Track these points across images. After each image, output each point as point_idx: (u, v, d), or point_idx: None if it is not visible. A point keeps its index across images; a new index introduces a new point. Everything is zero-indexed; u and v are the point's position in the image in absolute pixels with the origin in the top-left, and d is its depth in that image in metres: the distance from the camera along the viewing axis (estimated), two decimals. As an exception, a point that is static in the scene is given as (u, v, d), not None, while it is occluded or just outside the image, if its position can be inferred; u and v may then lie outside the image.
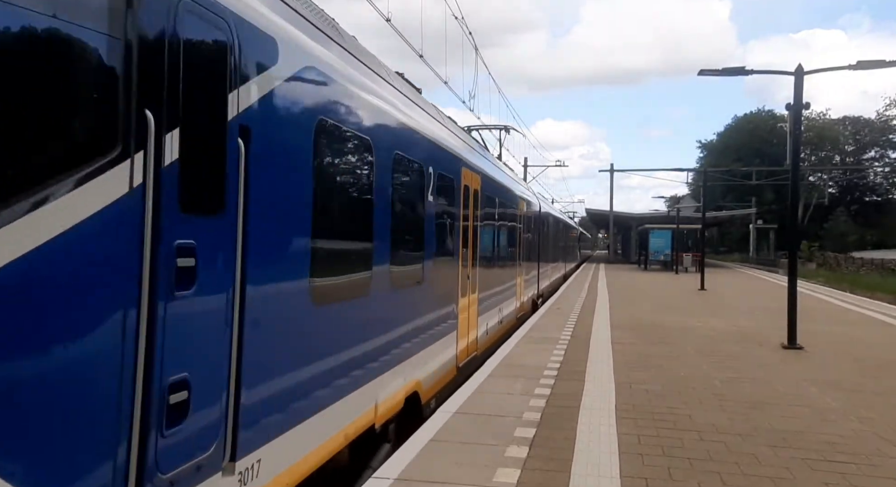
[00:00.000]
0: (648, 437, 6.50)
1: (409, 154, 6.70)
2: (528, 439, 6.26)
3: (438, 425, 6.63)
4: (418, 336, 7.28)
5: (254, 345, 3.74)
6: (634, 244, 61.44)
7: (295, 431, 4.34)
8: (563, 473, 5.42)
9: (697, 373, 9.73)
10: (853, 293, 30.56)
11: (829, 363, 10.94)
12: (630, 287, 28.74)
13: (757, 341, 13.14)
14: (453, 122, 11.14)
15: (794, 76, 12.98)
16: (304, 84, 4.41)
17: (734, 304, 21.47)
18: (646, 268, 46.54)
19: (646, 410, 7.54)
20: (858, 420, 7.33)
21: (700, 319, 16.73)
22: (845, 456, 6.07)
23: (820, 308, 20.40)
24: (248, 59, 3.64)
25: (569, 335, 13.26)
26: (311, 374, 4.61)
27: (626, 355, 11.08)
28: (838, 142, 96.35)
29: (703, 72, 14.49)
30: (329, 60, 4.84)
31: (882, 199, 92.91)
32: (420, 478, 5.18)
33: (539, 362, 10.20)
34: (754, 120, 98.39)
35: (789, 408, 7.82)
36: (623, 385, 8.78)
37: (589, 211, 71.36)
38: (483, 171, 11.39)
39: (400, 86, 7.24)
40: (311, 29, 4.76)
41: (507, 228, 14.56)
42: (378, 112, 5.91)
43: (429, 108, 8.64)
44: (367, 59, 6.28)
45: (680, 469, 5.61)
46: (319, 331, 4.76)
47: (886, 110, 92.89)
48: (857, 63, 13.40)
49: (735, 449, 6.19)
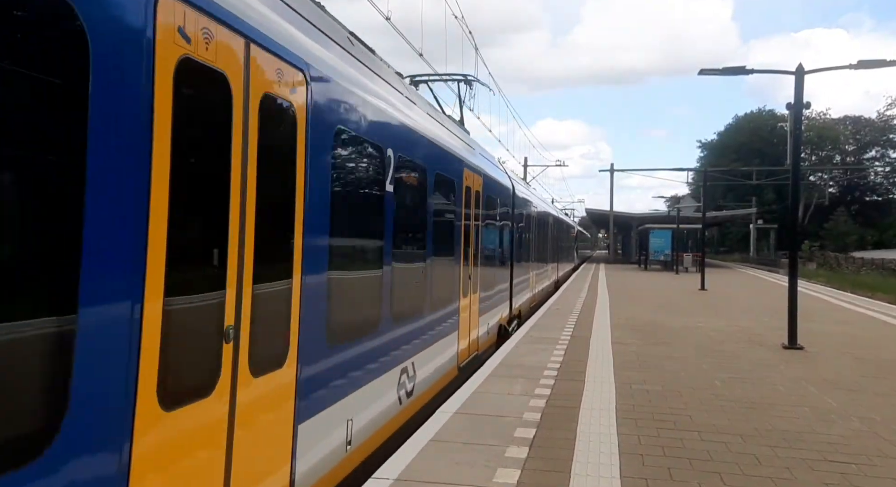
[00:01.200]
0: (649, 437, 6.49)
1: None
2: (528, 439, 6.25)
3: (438, 425, 6.62)
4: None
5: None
6: (634, 244, 61.38)
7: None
8: (563, 473, 5.42)
9: (698, 374, 9.72)
10: (853, 293, 30.53)
11: (829, 363, 10.93)
12: (630, 287, 28.72)
13: (757, 341, 13.13)
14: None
15: (794, 75, 12.97)
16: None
17: (734, 304, 21.45)
18: (646, 268, 46.52)
19: (646, 410, 7.53)
20: (859, 421, 7.32)
21: (700, 319, 16.72)
22: (845, 457, 6.07)
23: (820, 308, 20.39)
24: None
25: (569, 335, 13.25)
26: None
27: (627, 355, 11.07)
28: (839, 142, 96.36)
29: (704, 71, 14.48)
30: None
31: (882, 199, 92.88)
32: (420, 478, 5.17)
33: (539, 362, 10.19)
34: (755, 119, 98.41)
35: (790, 408, 7.81)
36: (623, 385, 8.78)
37: (589, 210, 71.26)
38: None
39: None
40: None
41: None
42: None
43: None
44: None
45: (680, 470, 5.61)
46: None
47: (887, 110, 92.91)
48: (858, 62, 13.39)
49: (735, 450, 6.18)
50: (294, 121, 4.35)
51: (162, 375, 3.04)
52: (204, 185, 3.49)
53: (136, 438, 2.90)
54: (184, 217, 3.23)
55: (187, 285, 3.28)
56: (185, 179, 3.18)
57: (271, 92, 4.02)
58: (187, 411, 3.25)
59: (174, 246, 3.10)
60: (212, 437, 3.48)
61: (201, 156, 3.48)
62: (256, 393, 3.90)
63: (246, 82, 3.71)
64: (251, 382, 3.83)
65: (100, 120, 2.69)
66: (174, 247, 3.10)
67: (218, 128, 3.56)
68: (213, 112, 3.54)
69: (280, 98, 4.15)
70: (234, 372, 3.65)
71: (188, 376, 3.33)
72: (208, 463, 3.46)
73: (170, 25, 3.06)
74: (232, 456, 3.65)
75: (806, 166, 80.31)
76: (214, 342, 3.52)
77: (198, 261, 3.46)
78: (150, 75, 2.95)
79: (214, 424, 3.50)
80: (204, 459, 3.41)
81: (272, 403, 4.12)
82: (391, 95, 6.78)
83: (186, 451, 3.25)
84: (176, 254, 3.11)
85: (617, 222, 64.58)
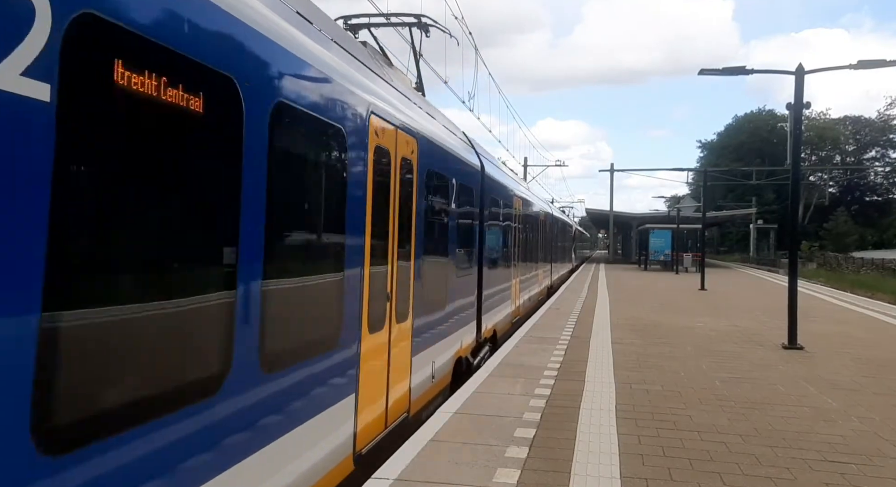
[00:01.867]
0: (648, 438, 6.50)
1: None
2: (528, 439, 6.25)
3: (438, 425, 6.62)
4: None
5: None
6: (634, 244, 61.40)
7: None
8: (563, 473, 5.42)
9: (698, 374, 9.72)
10: (853, 293, 30.54)
11: (829, 363, 10.93)
12: (630, 287, 28.72)
13: (757, 341, 13.13)
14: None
15: (794, 75, 12.98)
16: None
17: (734, 304, 21.45)
18: (646, 268, 46.52)
19: (646, 410, 7.53)
20: (859, 421, 7.32)
21: (700, 319, 16.72)
22: (845, 457, 6.07)
23: (820, 308, 20.39)
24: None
25: (569, 335, 13.25)
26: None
27: (627, 355, 11.08)
28: (839, 142, 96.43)
29: (704, 71, 14.47)
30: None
31: (882, 199, 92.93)
32: (420, 478, 5.18)
33: (539, 362, 10.20)
34: (755, 119, 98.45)
35: (790, 408, 7.81)
36: (623, 385, 8.78)
37: (589, 210, 71.28)
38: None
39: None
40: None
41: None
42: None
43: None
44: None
45: (680, 470, 5.61)
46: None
47: (887, 110, 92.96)
48: (858, 62, 13.39)
49: (735, 450, 6.18)
50: (412, 168, 7.05)
51: (368, 317, 5.67)
52: (382, 213, 6.06)
53: (363, 345, 5.56)
54: (382, 234, 6.09)
55: (389, 270, 6.27)
56: (377, 211, 5.88)
57: (406, 156, 6.81)
58: (376, 335, 5.95)
59: (397, 254, 6.51)
60: (384, 350, 6.21)
61: (384, 197, 6.14)
62: (397, 331, 6.60)
63: (395, 151, 6.46)
64: (395, 325, 6.54)
65: (354, 186, 5.35)
66: (398, 255, 6.53)
67: (388, 179, 6.25)
68: (387, 171, 6.22)
69: (407, 157, 6.88)
70: (390, 318, 6.36)
71: (377, 317, 5.95)
72: (382, 365, 6.18)
73: (373, 129, 5.77)
74: (390, 363, 6.39)
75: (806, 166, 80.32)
76: (384, 300, 6.17)
77: (387, 259, 6.21)
78: (367, 156, 5.63)
79: (384, 343, 6.23)
80: (380, 361, 6.13)
81: (403, 339, 6.84)
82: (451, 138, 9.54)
83: (376, 355, 5.97)
84: (384, 255, 6.17)
85: (617, 222, 64.59)
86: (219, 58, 3.39)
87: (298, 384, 4.41)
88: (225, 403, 3.49)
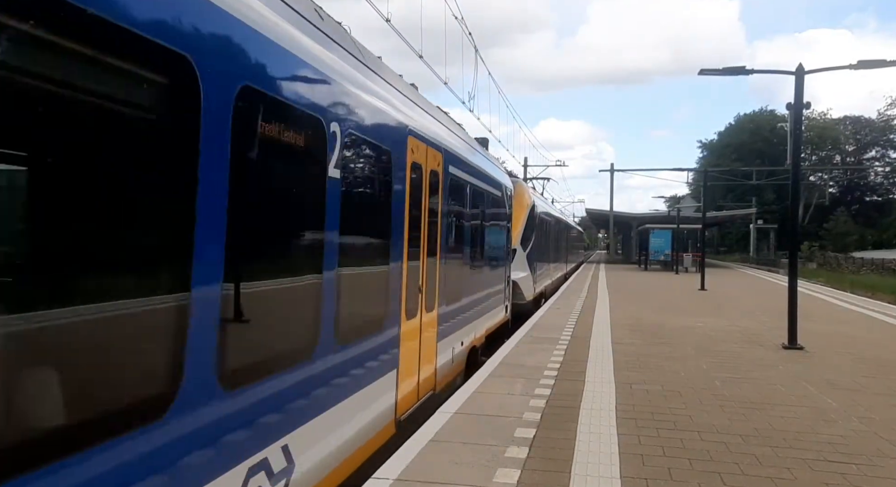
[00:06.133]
0: (649, 438, 6.49)
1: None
2: (527, 439, 6.25)
3: (438, 425, 6.62)
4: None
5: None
6: (634, 244, 61.38)
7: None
8: (563, 473, 5.42)
9: (698, 374, 9.72)
10: (853, 292, 30.54)
11: (829, 363, 10.93)
12: (630, 287, 28.72)
13: (757, 341, 13.13)
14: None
15: (794, 76, 12.97)
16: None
17: (734, 304, 21.45)
18: (646, 268, 46.50)
19: (646, 410, 7.53)
20: (859, 421, 7.32)
21: (700, 319, 16.72)
22: (845, 457, 6.07)
23: (820, 308, 20.39)
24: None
25: (569, 335, 13.25)
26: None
27: (627, 355, 11.07)
28: (839, 142, 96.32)
29: (704, 71, 14.47)
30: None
31: (882, 199, 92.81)
32: (420, 478, 5.17)
33: (539, 362, 10.20)
34: (755, 119, 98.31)
35: (790, 408, 7.81)
36: (623, 385, 8.78)
37: (589, 210, 71.28)
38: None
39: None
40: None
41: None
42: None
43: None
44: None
45: (680, 470, 5.61)
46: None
47: (887, 110, 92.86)
48: (858, 62, 13.38)
49: (735, 450, 6.18)
50: (439, 179, 8.17)
51: (406, 305, 6.80)
52: (417, 218, 7.15)
53: (402, 329, 6.66)
54: (416, 238, 7.21)
55: (421, 267, 7.38)
56: (412, 217, 6.95)
57: (434, 168, 7.94)
58: (412, 321, 7.08)
59: (427, 254, 7.59)
60: (417, 334, 7.37)
61: (418, 203, 7.26)
62: (426, 319, 7.76)
63: (426, 164, 7.55)
64: (425, 314, 7.70)
65: (398, 195, 6.52)
66: (427, 254, 7.63)
67: (420, 191, 7.30)
68: (420, 184, 7.31)
69: (435, 169, 7.98)
70: (421, 307, 7.48)
71: (412, 307, 7.08)
72: (416, 347, 7.33)
73: (410, 147, 6.82)
74: (421, 346, 7.56)
75: (806, 166, 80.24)
76: (416, 292, 7.27)
77: (419, 258, 7.33)
78: (404, 171, 6.69)
79: (417, 328, 7.38)
80: (415, 344, 7.29)
81: (431, 326, 8.02)
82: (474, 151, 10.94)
83: (412, 338, 7.14)
84: (417, 255, 7.21)
85: (617, 222, 64.61)
86: (313, 103, 4.53)
87: (363, 354, 5.67)
88: (315, 367, 4.69)
